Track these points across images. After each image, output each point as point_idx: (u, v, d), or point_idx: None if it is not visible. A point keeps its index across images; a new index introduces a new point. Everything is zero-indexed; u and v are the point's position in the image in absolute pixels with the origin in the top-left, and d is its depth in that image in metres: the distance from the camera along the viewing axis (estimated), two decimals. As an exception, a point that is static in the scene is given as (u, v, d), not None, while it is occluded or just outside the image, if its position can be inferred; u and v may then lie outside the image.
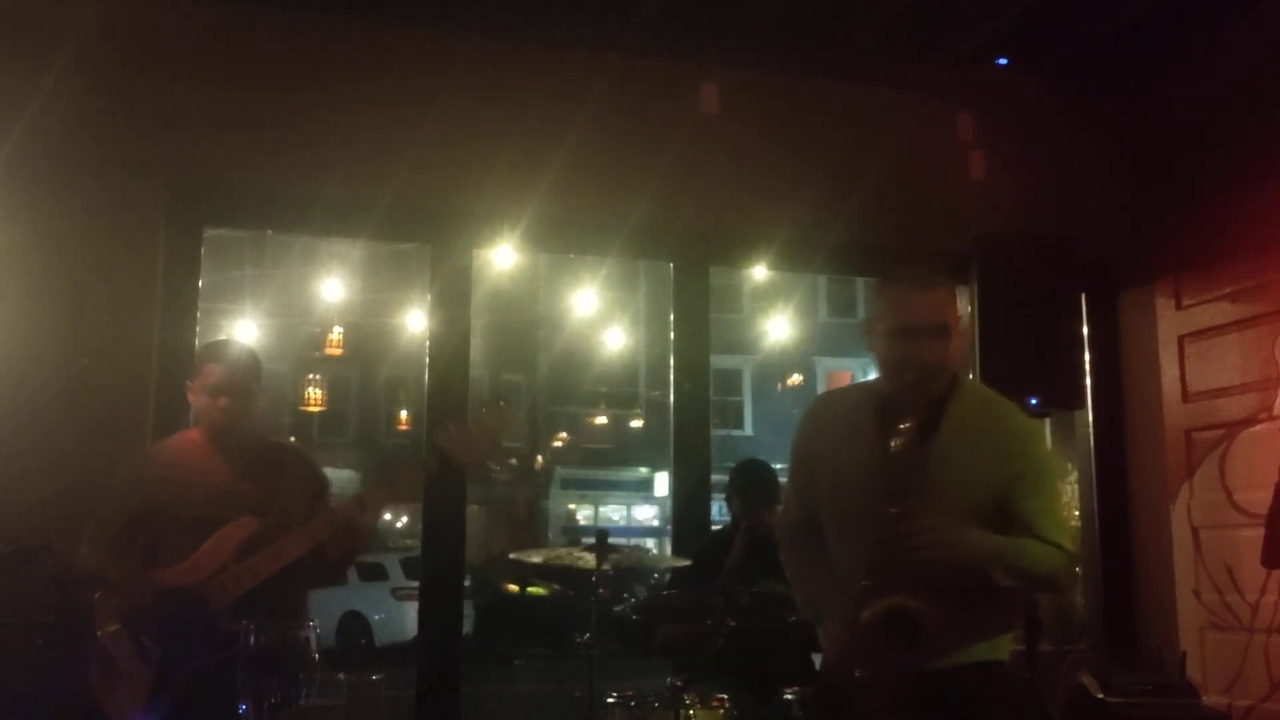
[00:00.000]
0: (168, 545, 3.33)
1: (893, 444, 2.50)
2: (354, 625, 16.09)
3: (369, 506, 3.40)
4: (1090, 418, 5.47)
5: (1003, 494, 2.57)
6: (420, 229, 4.98)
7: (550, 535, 25.24)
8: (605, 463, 26.24)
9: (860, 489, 2.60)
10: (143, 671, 3.17)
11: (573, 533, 25.35)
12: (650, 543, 25.03)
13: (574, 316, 11.97)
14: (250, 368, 3.52)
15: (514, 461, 25.66)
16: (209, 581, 3.22)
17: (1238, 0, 4.74)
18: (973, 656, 2.60)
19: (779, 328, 16.69)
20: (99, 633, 3.21)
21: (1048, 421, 4.74)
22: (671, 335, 5.22)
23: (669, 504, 5.57)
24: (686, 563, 4.30)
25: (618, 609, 4.18)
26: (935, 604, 2.43)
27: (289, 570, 3.27)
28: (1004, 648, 2.71)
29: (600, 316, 12.61)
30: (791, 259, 5.44)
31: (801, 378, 24.78)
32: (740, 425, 25.05)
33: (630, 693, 3.59)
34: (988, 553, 2.52)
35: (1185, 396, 5.19)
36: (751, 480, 4.73)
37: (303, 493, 3.52)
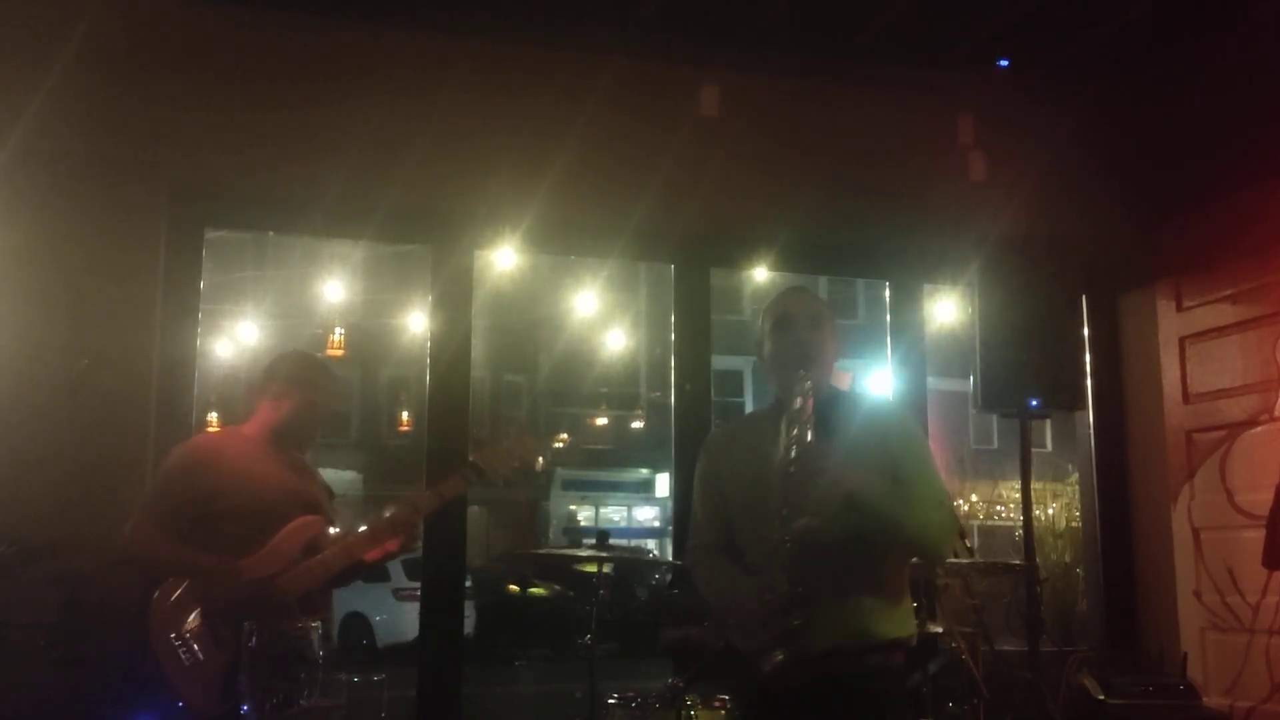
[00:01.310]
0: (223, 534, 3.40)
1: (793, 448, 2.64)
2: (356, 626, 16.09)
3: (421, 510, 3.60)
4: (1091, 419, 5.48)
5: (892, 473, 2.73)
6: (422, 230, 4.98)
7: (551, 536, 25.25)
8: (606, 464, 26.23)
9: (770, 494, 2.74)
10: (221, 658, 3.22)
11: (574, 533, 25.35)
12: (651, 543, 25.05)
13: (575, 317, 11.94)
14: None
15: (515, 463, 25.63)
16: (284, 574, 3.37)
17: (1238, 2, 4.74)
18: (876, 635, 2.71)
19: (780, 329, 16.70)
20: (181, 628, 3.27)
21: (1048, 423, 4.74)
22: (672, 336, 5.23)
23: (670, 505, 5.57)
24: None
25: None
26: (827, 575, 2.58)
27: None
28: (907, 625, 2.80)
29: (601, 317, 12.60)
30: (792, 260, 5.44)
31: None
32: (741, 426, 25.00)
33: (631, 693, 3.59)
34: (880, 493, 2.63)
35: (1186, 398, 5.19)
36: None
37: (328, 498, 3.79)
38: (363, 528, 3.55)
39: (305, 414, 3.65)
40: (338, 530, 3.74)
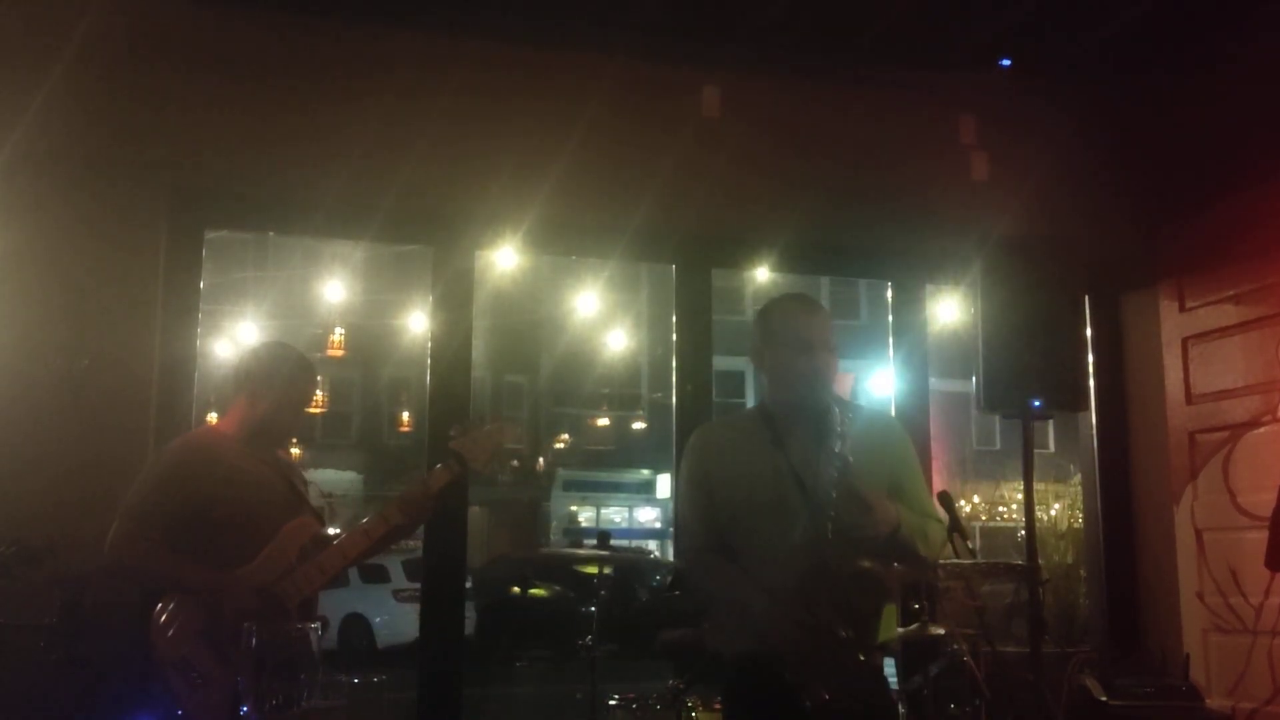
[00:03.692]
0: (219, 543, 3.28)
1: (834, 467, 2.74)
2: (356, 627, 16.09)
3: (407, 506, 3.47)
4: (1094, 420, 5.47)
5: (892, 485, 2.92)
6: (422, 231, 4.97)
7: (552, 537, 25.27)
8: (607, 464, 26.26)
9: (772, 497, 2.83)
10: (225, 675, 3.07)
11: (575, 534, 25.37)
12: (652, 544, 25.06)
13: (576, 318, 11.98)
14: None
15: (515, 463, 25.69)
16: (280, 581, 3.24)
17: (1240, 2, 4.73)
18: (883, 643, 2.89)
19: (781, 330, 16.77)
20: (184, 648, 3.15)
21: (1050, 423, 4.73)
22: (674, 337, 5.22)
23: (671, 506, 5.56)
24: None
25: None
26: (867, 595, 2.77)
27: None
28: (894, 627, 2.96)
29: (602, 318, 12.63)
30: (794, 261, 5.43)
31: (804, 379, 24.74)
32: (742, 427, 25.03)
33: (632, 695, 3.59)
34: (909, 523, 2.84)
35: (1189, 399, 5.18)
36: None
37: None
38: (335, 530, 3.50)
39: (282, 412, 3.49)
40: (327, 526, 3.66)
